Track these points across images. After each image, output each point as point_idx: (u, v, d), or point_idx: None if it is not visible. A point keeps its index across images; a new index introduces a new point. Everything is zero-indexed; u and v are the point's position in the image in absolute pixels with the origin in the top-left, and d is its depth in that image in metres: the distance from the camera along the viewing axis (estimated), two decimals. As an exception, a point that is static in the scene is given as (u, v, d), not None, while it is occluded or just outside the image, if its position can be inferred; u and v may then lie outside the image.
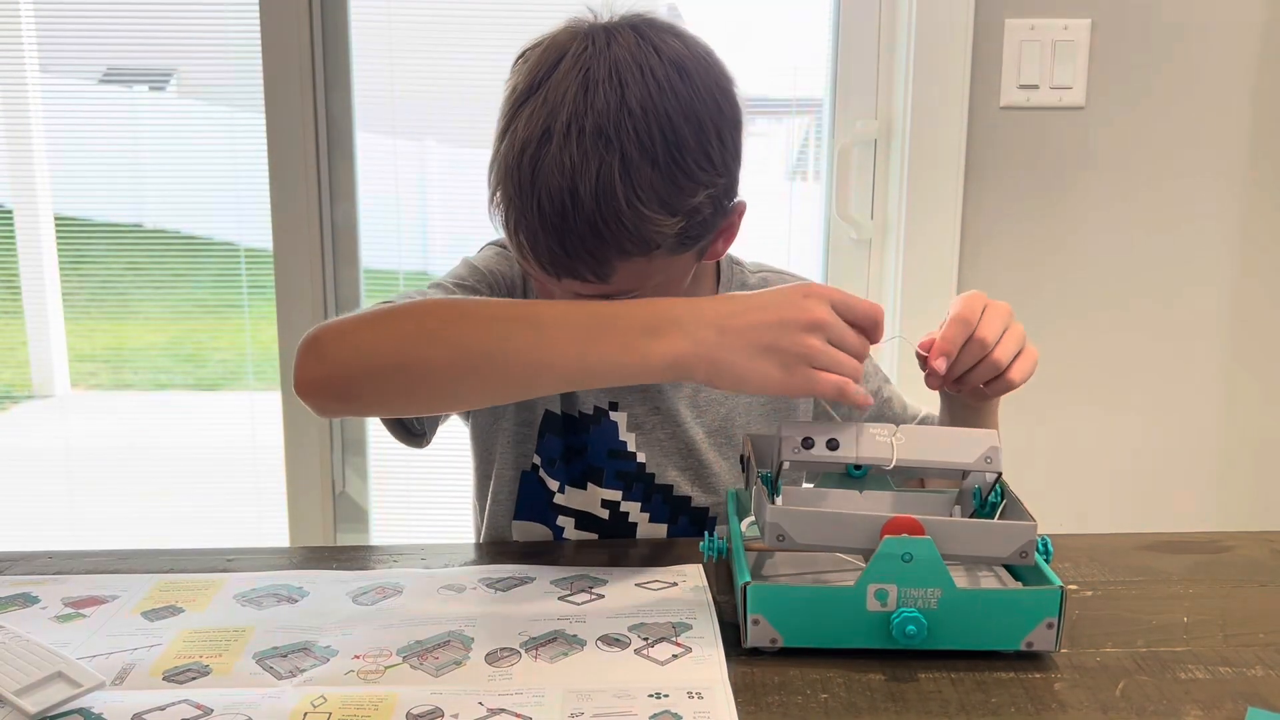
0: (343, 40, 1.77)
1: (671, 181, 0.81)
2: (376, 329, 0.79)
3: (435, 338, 0.77)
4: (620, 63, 0.81)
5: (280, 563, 0.92)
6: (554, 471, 1.02)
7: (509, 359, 0.76)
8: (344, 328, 0.80)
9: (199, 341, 2.01)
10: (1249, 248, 1.74)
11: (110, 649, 0.75)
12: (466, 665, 0.73)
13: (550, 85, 0.81)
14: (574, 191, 0.79)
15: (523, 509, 1.04)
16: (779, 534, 0.75)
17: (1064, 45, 1.66)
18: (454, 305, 0.81)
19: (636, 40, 0.83)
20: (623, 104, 0.80)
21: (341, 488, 1.91)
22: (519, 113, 0.82)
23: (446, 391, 0.80)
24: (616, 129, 0.79)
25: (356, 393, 0.79)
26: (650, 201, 0.80)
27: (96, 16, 1.82)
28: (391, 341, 0.77)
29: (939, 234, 1.70)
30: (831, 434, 0.77)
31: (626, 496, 1.02)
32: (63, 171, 1.93)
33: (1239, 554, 0.95)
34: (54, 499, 2.06)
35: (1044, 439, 1.76)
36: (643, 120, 0.80)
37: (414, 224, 1.89)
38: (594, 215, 0.80)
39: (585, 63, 0.81)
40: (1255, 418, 1.79)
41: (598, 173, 0.79)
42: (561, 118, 0.79)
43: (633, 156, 0.79)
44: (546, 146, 0.80)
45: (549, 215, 0.80)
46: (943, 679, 0.71)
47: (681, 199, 0.82)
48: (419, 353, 0.77)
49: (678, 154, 0.81)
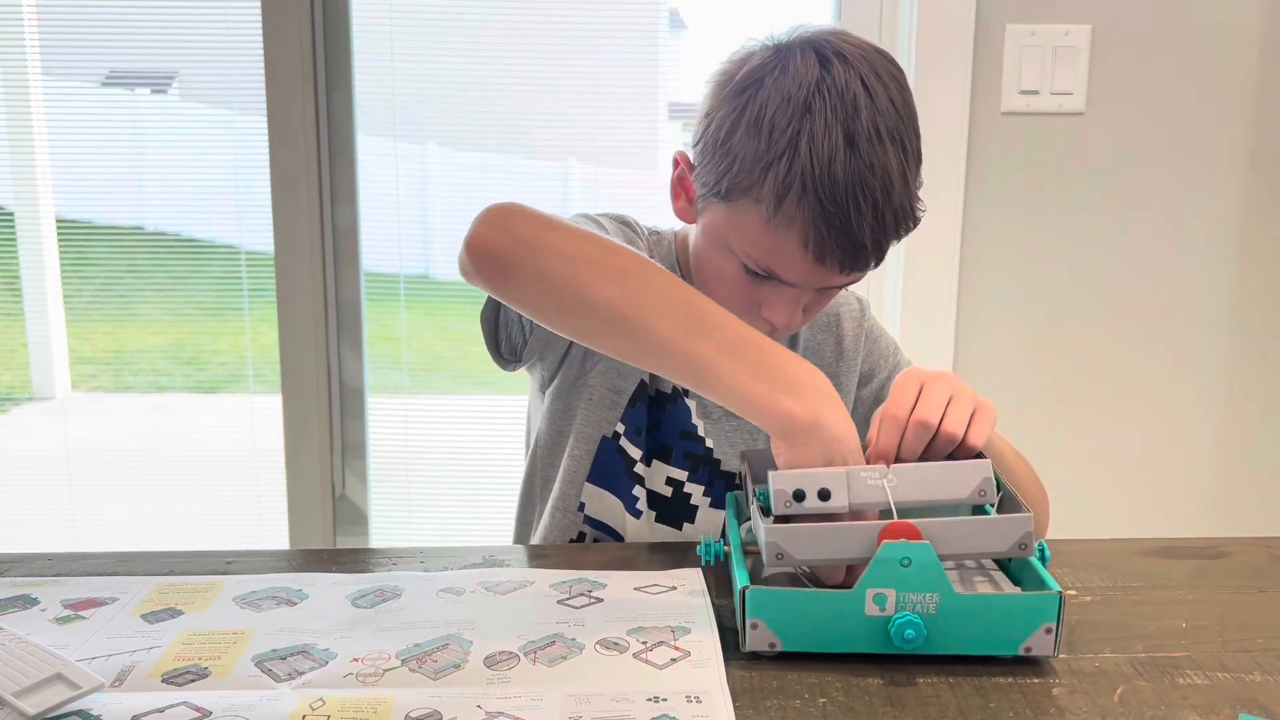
0: (344, 44, 1.78)
1: (917, 174, 0.93)
2: (567, 238, 0.83)
3: (607, 277, 0.81)
4: (878, 68, 0.90)
5: (280, 565, 0.92)
6: (638, 441, 1.05)
7: (652, 337, 0.80)
8: (540, 219, 0.84)
9: (199, 344, 2.01)
10: (1248, 253, 1.74)
11: (110, 651, 0.75)
12: (465, 668, 0.73)
13: (833, 94, 0.88)
14: (886, 189, 0.88)
15: (598, 474, 1.06)
16: (778, 553, 0.75)
17: (1065, 51, 1.66)
18: (637, 258, 0.84)
19: (868, 46, 0.92)
20: (892, 104, 0.89)
21: (341, 490, 1.91)
22: (804, 124, 0.87)
23: (584, 329, 0.85)
24: (898, 128, 0.89)
25: (518, 277, 0.83)
26: (918, 185, 0.93)
27: (99, 19, 1.83)
28: (573, 255, 0.82)
29: (939, 239, 1.71)
30: (822, 483, 0.77)
31: (692, 478, 1.06)
32: (64, 174, 1.93)
33: (1238, 559, 0.95)
34: (54, 501, 2.06)
35: (1042, 444, 1.76)
36: (908, 118, 0.91)
37: (415, 227, 1.89)
38: (899, 207, 0.90)
39: (858, 71, 0.89)
40: (1254, 423, 1.79)
41: (896, 167, 0.89)
42: (860, 124, 0.87)
43: (909, 149, 0.91)
44: (854, 151, 0.87)
45: (865, 215, 0.88)
46: (941, 684, 0.71)
47: (918, 190, 0.94)
48: (587, 281, 0.81)
49: (919, 153, 0.93)
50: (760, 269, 0.93)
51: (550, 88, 1.81)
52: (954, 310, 1.73)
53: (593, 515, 1.06)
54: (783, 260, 0.91)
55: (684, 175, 1.00)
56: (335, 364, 1.85)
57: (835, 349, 1.11)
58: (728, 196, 0.92)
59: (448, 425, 1.92)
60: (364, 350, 1.87)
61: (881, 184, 0.87)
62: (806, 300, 0.96)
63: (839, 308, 1.12)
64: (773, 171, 0.88)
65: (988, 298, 1.74)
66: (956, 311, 1.73)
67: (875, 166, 0.87)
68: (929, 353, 1.73)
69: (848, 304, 1.13)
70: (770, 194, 0.88)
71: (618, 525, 1.05)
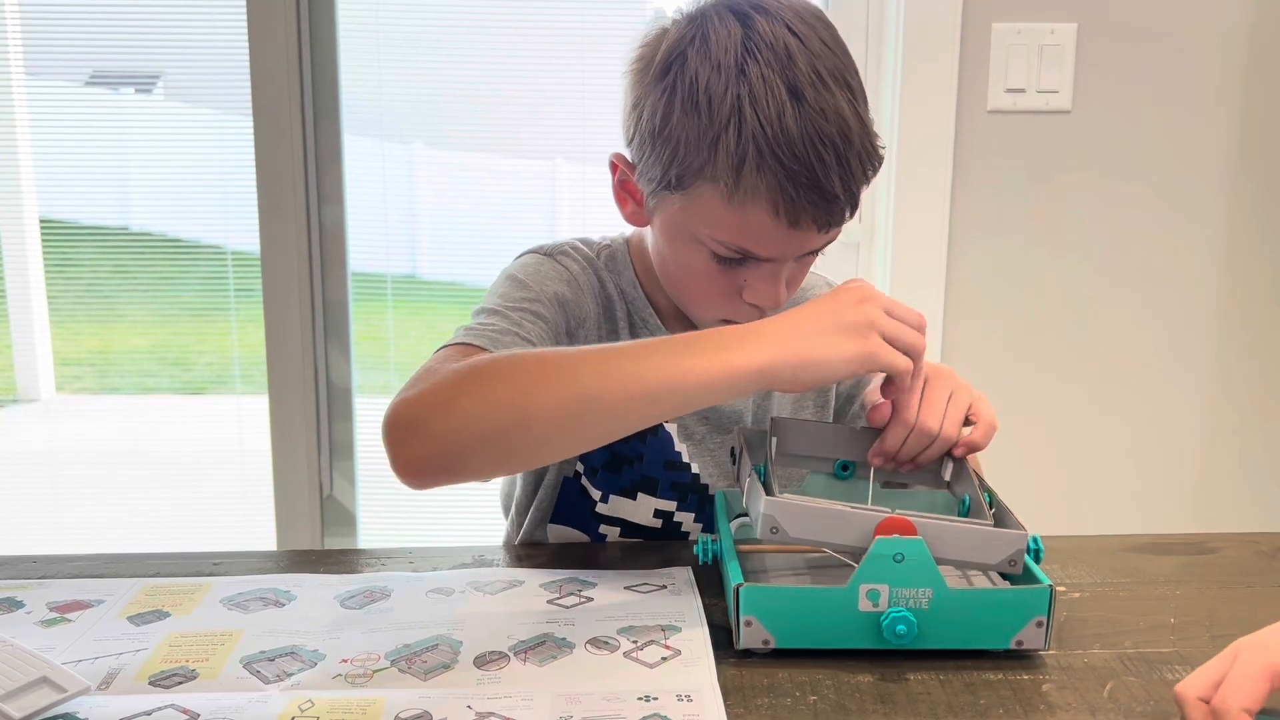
0: (330, 43, 1.77)
1: (868, 110, 0.88)
2: (475, 396, 0.77)
3: (536, 392, 0.76)
4: (796, 17, 0.86)
5: (267, 566, 0.92)
6: (596, 481, 1.01)
7: (610, 395, 0.76)
8: (439, 400, 0.77)
9: (185, 345, 2.00)
10: (1235, 249, 1.75)
11: (96, 654, 0.75)
12: (455, 669, 0.72)
13: (759, 47, 0.83)
14: (843, 133, 0.83)
15: (563, 515, 1.03)
16: (773, 526, 0.74)
17: (1051, 49, 1.67)
18: (541, 356, 0.80)
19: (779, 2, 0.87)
20: (825, 47, 0.85)
21: (329, 491, 1.90)
22: (739, 83, 0.83)
23: (553, 442, 0.79)
24: (836, 69, 0.85)
25: (465, 463, 0.77)
26: (871, 122, 0.87)
27: (82, 19, 1.82)
28: (495, 406, 0.76)
29: (927, 237, 1.71)
30: None
31: (681, 507, 1.02)
32: (48, 174, 1.92)
33: (1225, 555, 0.96)
34: (39, 503, 2.05)
35: (1030, 440, 1.77)
36: (844, 59, 0.86)
37: (402, 227, 1.88)
38: (859, 146, 0.85)
39: (779, 18, 0.85)
40: (1242, 419, 1.80)
41: (847, 107, 0.84)
42: (800, 71, 0.83)
43: (855, 86, 0.86)
44: (802, 101, 0.82)
45: (829, 163, 0.83)
46: (931, 680, 0.71)
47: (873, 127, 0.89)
48: (524, 411, 0.76)
49: (863, 88, 0.88)
50: (732, 252, 0.87)
51: (537, 87, 1.81)
52: (941, 308, 1.73)
53: None
54: (754, 236, 0.86)
55: (625, 178, 0.94)
56: (322, 364, 1.85)
57: None
58: (680, 184, 0.86)
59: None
60: (351, 350, 1.86)
61: (838, 128, 0.83)
62: (789, 273, 0.90)
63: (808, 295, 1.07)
64: (722, 144, 0.83)
65: (975, 295, 1.75)
66: (944, 309, 1.74)
67: (827, 111, 0.83)
68: (917, 351, 1.73)
69: (820, 289, 1.08)
70: (725, 169, 0.83)
71: None
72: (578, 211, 1.84)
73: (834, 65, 0.84)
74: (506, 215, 1.89)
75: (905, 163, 1.68)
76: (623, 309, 1.00)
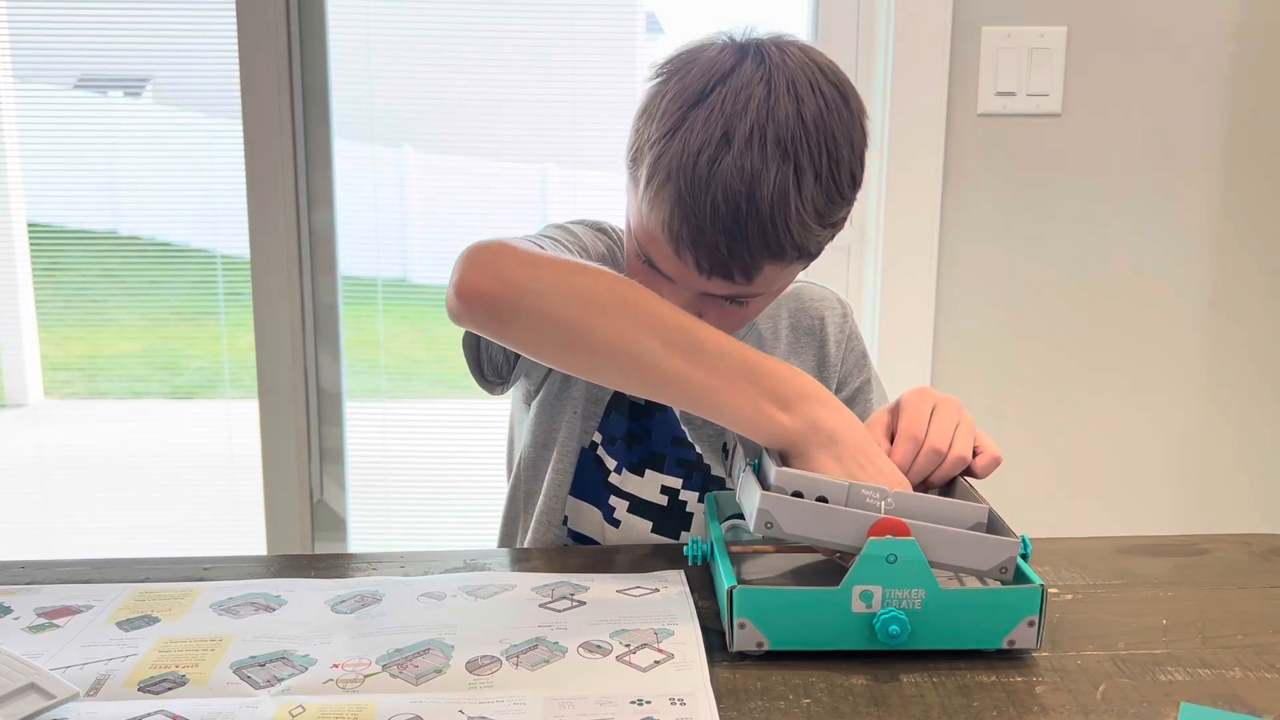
0: (320, 47, 1.77)
1: (828, 197, 0.87)
2: (559, 276, 0.80)
3: (607, 315, 0.79)
4: (797, 78, 0.86)
5: (258, 571, 0.91)
6: (614, 451, 1.04)
7: (658, 373, 0.80)
8: (528, 257, 0.81)
9: (175, 349, 1.99)
10: (1224, 251, 1.76)
11: (85, 659, 0.74)
12: (447, 673, 0.72)
13: (729, 91, 0.85)
14: (751, 196, 0.83)
15: (579, 486, 1.05)
16: (768, 521, 0.75)
17: (1040, 53, 1.67)
18: (634, 290, 0.82)
19: (805, 58, 0.88)
20: (799, 117, 0.84)
21: (319, 496, 1.89)
22: (693, 112, 0.85)
23: (587, 366, 0.83)
24: (793, 140, 0.84)
25: (514, 320, 0.80)
26: (812, 213, 0.86)
27: (71, 23, 1.81)
28: (571, 296, 0.79)
29: (918, 240, 1.71)
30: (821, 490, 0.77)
31: (686, 485, 1.04)
32: (36, 178, 1.91)
33: (1217, 556, 0.96)
34: (27, 509, 2.04)
35: (1022, 443, 1.77)
36: (815, 135, 0.85)
37: (392, 231, 1.88)
38: (766, 221, 0.84)
39: (767, 73, 0.85)
40: (1232, 421, 1.80)
41: (775, 181, 0.83)
42: (744, 124, 0.83)
43: (805, 168, 0.84)
44: (727, 150, 0.83)
45: (722, 216, 0.84)
46: (925, 682, 0.71)
47: (833, 213, 0.89)
48: (588, 319, 0.79)
49: (837, 171, 0.86)
50: (641, 252, 0.92)
51: (528, 91, 1.81)
52: (932, 310, 1.73)
53: (574, 528, 1.06)
54: (652, 242, 0.90)
55: None
56: (313, 369, 1.84)
57: (819, 353, 1.11)
58: (630, 168, 0.92)
59: (426, 429, 1.91)
60: (342, 355, 1.85)
61: (748, 190, 0.83)
62: (687, 301, 0.91)
63: (823, 311, 1.11)
64: (653, 150, 0.87)
65: (965, 298, 1.75)
66: (934, 311, 1.74)
67: (745, 171, 0.83)
68: (907, 353, 1.73)
69: (831, 308, 1.12)
70: (644, 172, 0.88)
71: (597, 536, 1.05)
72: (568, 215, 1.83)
73: (788, 135, 0.84)
74: (497, 219, 1.89)
75: (896, 166, 1.68)
76: None
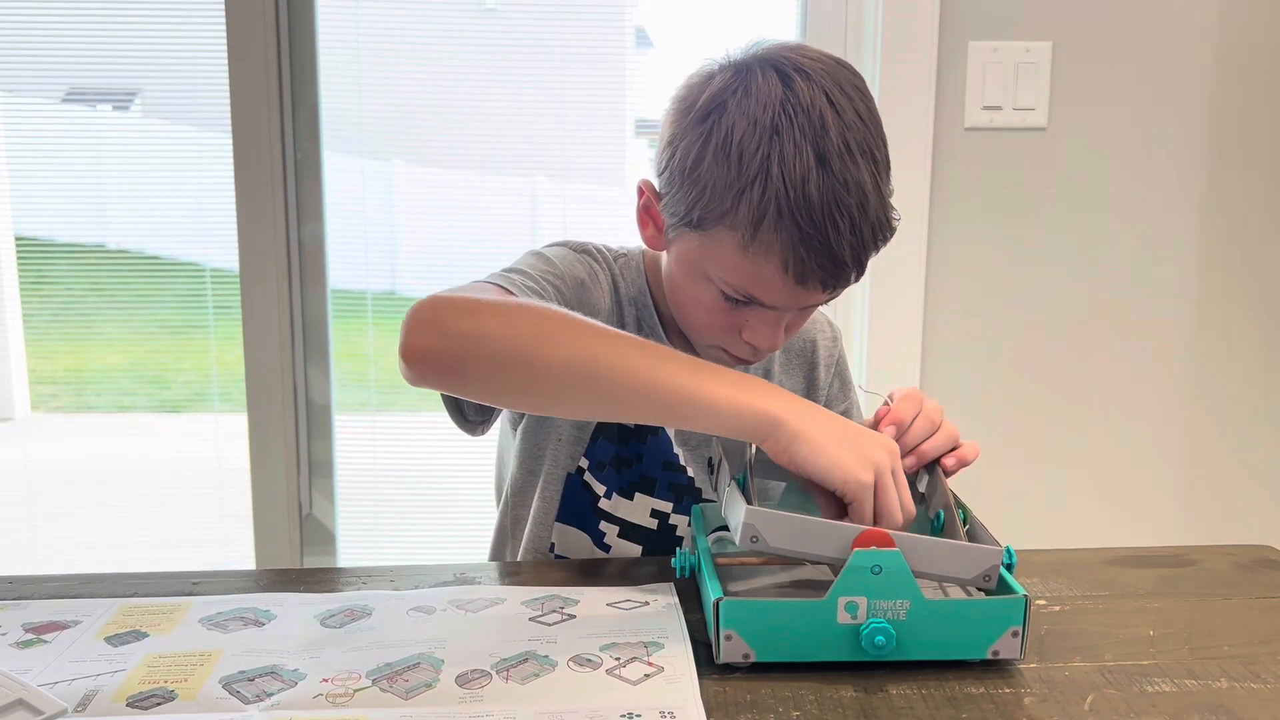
0: (309, 60, 1.77)
1: (888, 183, 0.91)
2: (500, 317, 0.81)
3: (555, 340, 0.80)
4: (835, 85, 0.88)
5: (246, 585, 0.91)
6: (602, 476, 1.04)
7: (619, 377, 0.79)
8: (467, 306, 0.81)
9: (163, 363, 1.98)
10: (1211, 262, 1.77)
11: (73, 675, 0.74)
12: (437, 687, 0.72)
13: (799, 111, 0.86)
14: (862, 204, 0.87)
15: (566, 513, 1.05)
16: (753, 535, 0.75)
17: (1026, 67, 1.69)
18: (573, 316, 0.83)
19: (821, 66, 0.90)
20: (857, 114, 0.88)
21: (308, 510, 1.89)
22: (772, 142, 0.86)
23: (550, 395, 0.82)
24: (865, 141, 0.88)
25: (466, 372, 0.80)
26: (889, 191, 0.91)
27: (59, 35, 1.81)
28: (514, 333, 0.80)
29: (905, 255, 1.72)
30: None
31: (676, 509, 1.05)
32: (23, 191, 1.91)
33: (1203, 568, 0.96)
34: (14, 523, 2.02)
35: (1008, 455, 1.77)
36: (874, 131, 0.89)
37: (382, 244, 1.88)
38: (874, 218, 0.88)
39: (817, 86, 0.87)
40: (1219, 432, 1.81)
41: (868, 179, 0.87)
42: (830, 141, 0.86)
43: (879, 159, 0.89)
44: (826, 170, 0.86)
45: (843, 233, 0.87)
46: (913, 694, 0.72)
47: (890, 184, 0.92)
48: (538, 351, 0.79)
49: (887, 161, 0.91)
50: (739, 295, 0.91)
51: (518, 104, 1.81)
52: (920, 323, 1.74)
53: (561, 554, 1.06)
54: (763, 285, 0.90)
55: (650, 204, 0.97)
56: (302, 382, 1.84)
57: (808, 375, 1.12)
58: (700, 225, 0.90)
59: (416, 443, 1.91)
60: (331, 368, 1.85)
61: (857, 199, 0.86)
62: (788, 320, 0.95)
63: (814, 334, 1.12)
64: (746, 198, 0.86)
65: (953, 311, 1.76)
66: (922, 324, 1.75)
67: (849, 183, 0.86)
68: (896, 365, 1.74)
69: (822, 331, 1.13)
70: (745, 221, 0.87)
71: None
72: (558, 228, 1.84)
73: (863, 138, 0.88)
74: (487, 232, 1.89)
75: (883, 179, 1.69)
76: (631, 314, 1.04)
